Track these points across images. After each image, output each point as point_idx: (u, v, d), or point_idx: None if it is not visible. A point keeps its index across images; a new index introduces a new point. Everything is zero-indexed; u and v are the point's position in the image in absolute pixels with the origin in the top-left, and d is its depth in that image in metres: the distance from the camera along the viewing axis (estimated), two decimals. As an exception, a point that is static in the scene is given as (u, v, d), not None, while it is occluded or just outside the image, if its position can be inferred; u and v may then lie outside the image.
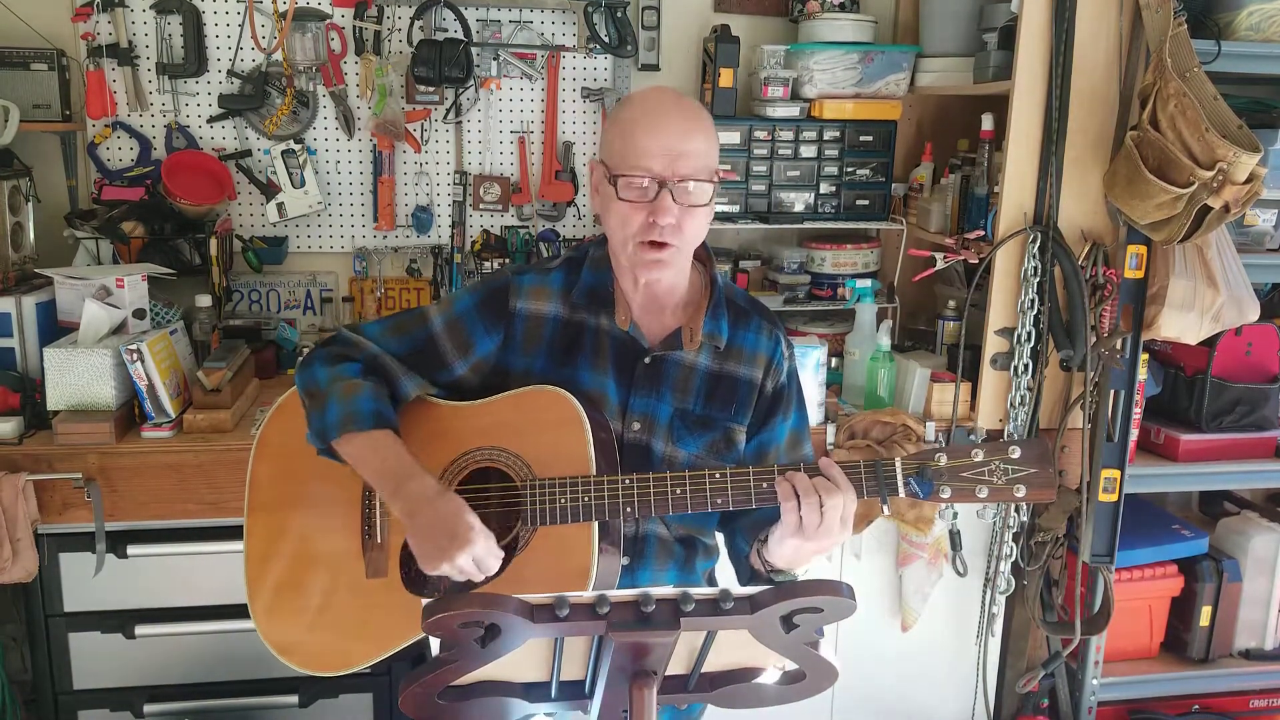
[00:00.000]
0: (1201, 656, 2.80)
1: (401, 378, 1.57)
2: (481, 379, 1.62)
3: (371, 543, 1.57)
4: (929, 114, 2.97)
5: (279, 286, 2.89)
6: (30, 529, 2.19)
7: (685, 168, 1.47)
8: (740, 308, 1.66)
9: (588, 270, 1.62)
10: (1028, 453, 1.39)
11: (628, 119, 1.51)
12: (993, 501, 1.40)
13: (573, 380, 1.57)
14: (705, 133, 1.52)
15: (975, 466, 1.40)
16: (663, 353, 1.59)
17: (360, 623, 1.55)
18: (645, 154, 1.47)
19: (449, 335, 1.60)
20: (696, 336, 1.59)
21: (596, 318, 1.60)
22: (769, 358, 1.65)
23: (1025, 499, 1.40)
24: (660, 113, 1.50)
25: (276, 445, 1.66)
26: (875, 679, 2.73)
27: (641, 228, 1.49)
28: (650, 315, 1.62)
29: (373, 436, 1.49)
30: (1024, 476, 1.39)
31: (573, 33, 2.83)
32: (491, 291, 1.61)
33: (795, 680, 1.26)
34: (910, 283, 2.94)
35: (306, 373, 1.58)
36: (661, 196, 1.47)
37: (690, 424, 1.61)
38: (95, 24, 2.62)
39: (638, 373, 1.59)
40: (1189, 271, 2.39)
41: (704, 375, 1.62)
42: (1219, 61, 2.30)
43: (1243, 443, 2.68)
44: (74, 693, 2.35)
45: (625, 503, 1.46)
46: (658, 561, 1.63)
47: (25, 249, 2.55)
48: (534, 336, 1.60)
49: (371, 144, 2.82)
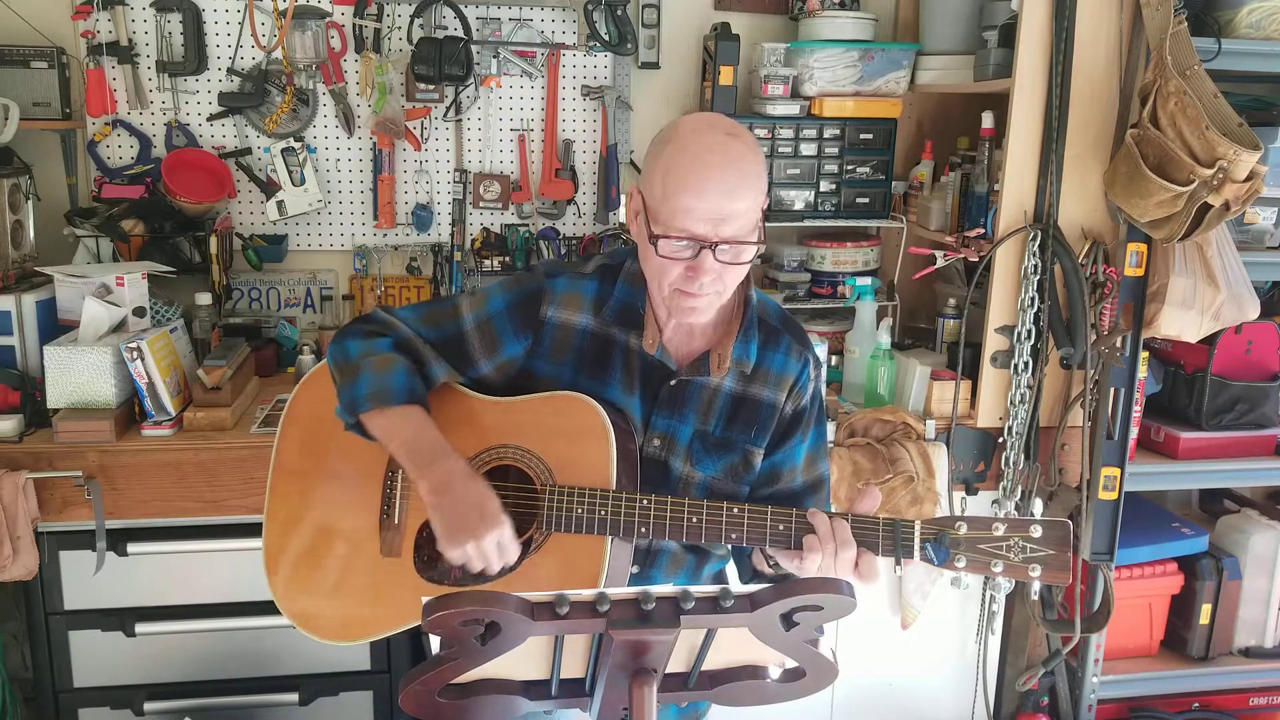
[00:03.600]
0: (1201, 654, 2.81)
1: (432, 362, 1.57)
2: (506, 380, 1.61)
3: (389, 522, 1.58)
4: (929, 112, 2.97)
5: (279, 285, 2.90)
6: (30, 527, 2.19)
7: (729, 230, 1.40)
8: (772, 327, 1.62)
9: (622, 284, 1.57)
10: (1049, 533, 1.37)
11: (675, 167, 1.41)
12: (1006, 577, 1.38)
13: (597, 394, 1.56)
14: (753, 185, 1.42)
15: (994, 540, 1.38)
16: (689, 377, 1.58)
17: (368, 599, 1.57)
18: (688, 215, 1.39)
19: (478, 335, 1.59)
20: (725, 363, 1.56)
21: (626, 335, 1.57)
22: (794, 380, 1.61)
23: (1040, 579, 1.38)
24: (708, 166, 1.39)
25: (304, 414, 1.67)
26: (875, 677, 2.73)
27: (680, 279, 1.44)
28: (679, 337, 1.59)
29: (404, 411, 1.49)
30: (1041, 558, 1.36)
31: (573, 30, 2.83)
32: (525, 295, 1.58)
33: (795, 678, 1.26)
34: (910, 280, 2.94)
35: (338, 347, 1.57)
36: (703, 256, 1.41)
37: (710, 446, 1.59)
38: (95, 22, 2.62)
39: (662, 394, 1.57)
40: (1189, 269, 2.40)
41: (727, 398, 1.59)
42: (1219, 59, 2.30)
43: (1243, 441, 2.68)
44: (74, 691, 2.35)
45: (641, 523, 1.46)
46: (669, 570, 1.63)
47: (25, 247, 2.55)
48: (563, 346, 1.58)
49: (371, 142, 2.82)
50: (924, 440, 2.52)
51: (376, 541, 1.58)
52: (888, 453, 2.49)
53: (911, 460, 2.47)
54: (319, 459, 1.64)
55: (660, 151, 1.45)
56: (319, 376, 1.66)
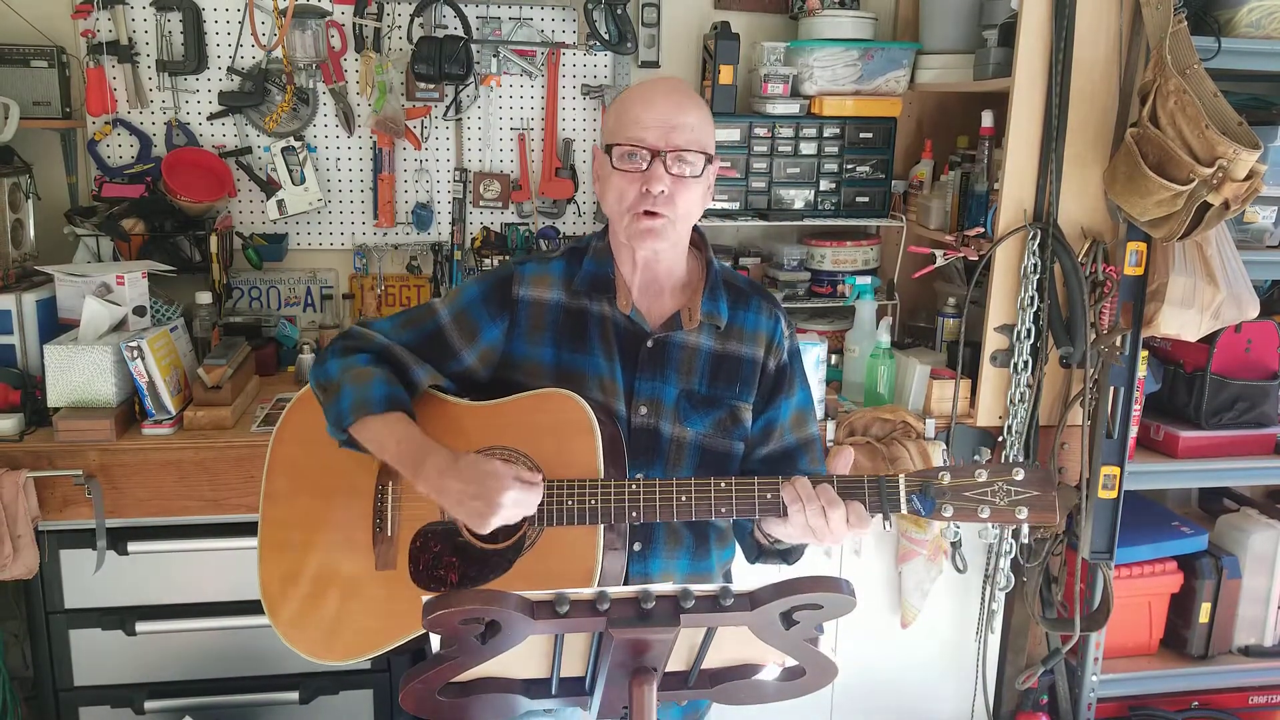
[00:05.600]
0: (1201, 653, 2.81)
1: (414, 366, 1.61)
2: (490, 371, 1.65)
3: (381, 535, 1.59)
4: (929, 111, 2.97)
5: (279, 284, 2.90)
6: (31, 526, 2.19)
7: (678, 139, 1.54)
8: (739, 289, 1.71)
9: (589, 260, 1.67)
10: (1031, 476, 1.41)
11: (625, 97, 1.62)
12: (994, 522, 1.43)
13: (579, 366, 1.61)
14: (699, 110, 1.59)
15: (978, 487, 1.42)
16: (664, 334, 1.63)
17: (368, 615, 1.57)
18: (638, 124, 1.54)
19: (456, 326, 1.64)
20: (695, 315, 1.64)
21: (599, 304, 1.64)
22: (769, 336, 1.69)
23: (1027, 521, 1.42)
24: (655, 89, 1.59)
25: (294, 435, 1.68)
26: (875, 675, 2.73)
27: (636, 198, 1.55)
28: (650, 299, 1.66)
29: (387, 419, 1.52)
30: (1026, 499, 1.41)
31: (573, 29, 2.83)
32: (495, 281, 1.66)
33: (795, 677, 1.27)
34: (910, 279, 2.94)
35: (320, 369, 1.62)
36: (654, 166, 1.54)
37: (696, 403, 1.64)
38: (95, 21, 2.62)
39: (641, 357, 1.63)
40: (1189, 268, 2.40)
41: (707, 355, 1.66)
42: (1219, 58, 2.31)
43: (1242, 439, 2.68)
44: (75, 689, 2.35)
45: (631, 507, 1.48)
46: (667, 548, 1.65)
47: (25, 246, 2.55)
48: (538, 324, 1.64)
49: (371, 141, 2.82)
50: (924, 439, 2.52)
51: (371, 557, 1.59)
52: (887, 451, 2.49)
53: (911, 459, 2.47)
54: (308, 480, 1.65)
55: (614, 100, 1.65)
56: (306, 398, 1.68)
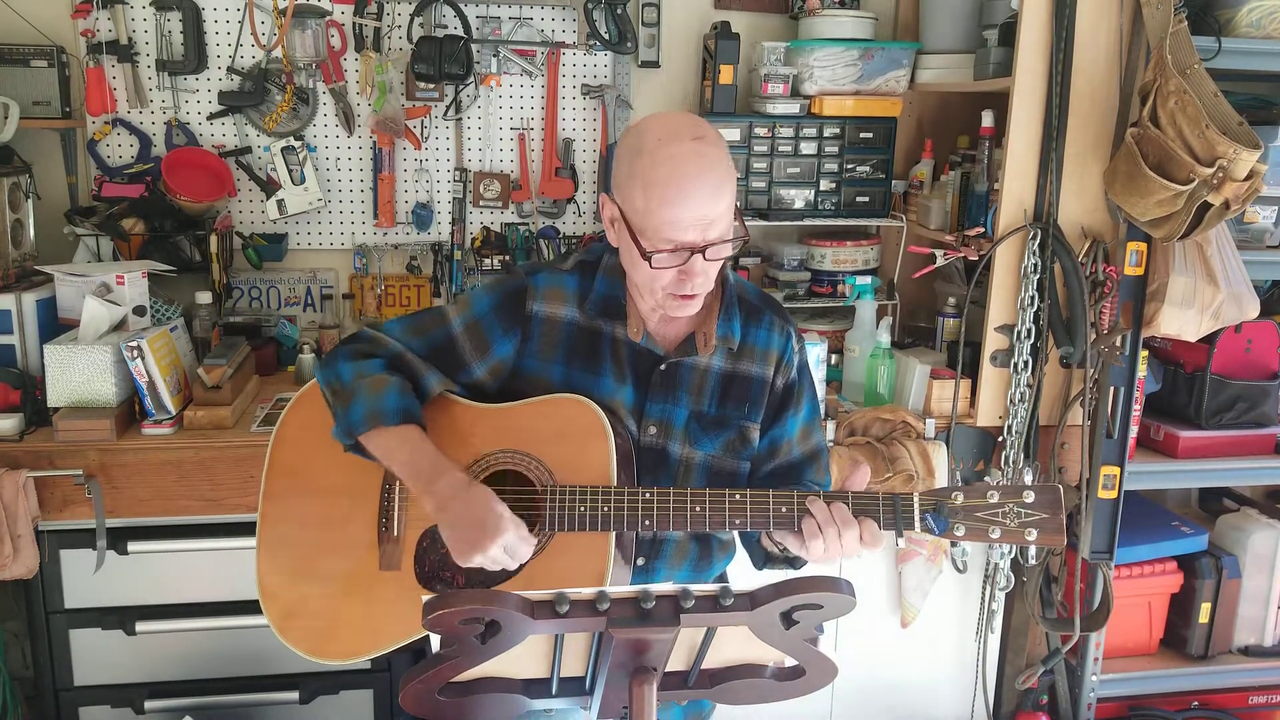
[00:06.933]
0: (1201, 653, 2.81)
1: (426, 374, 1.58)
2: (499, 383, 1.62)
3: (387, 535, 1.58)
4: (929, 111, 2.97)
5: (279, 283, 2.89)
6: (31, 526, 2.19)
7: (715, 232, 1.45)
8: (752, 304, 1.66)
9: (601, 279, 1.61)
10: (1041, 498, 1.43)
11: (653, 182, 1.42)
12: (1004, 543, 1.45)
13: (590, 386, 1.58)
14: (728, 182, 1.46)
15: (990, 508, 1.43)
16: (678, 359, 1.60)
17: (372, 616, 1.56)
18: (675, 227, 1.43)
19: (468, 337, 1.60)
20: (710, 341, 1.60)
21: (611, 326, 1.60)
22: (780, 354, 1.65)
23: (1035, 543, 1.44)
24: (685, 179, 1.42)
25: (294, 435, 1.66)
26: (875, 675, 2.73)
27: (673, 283, 1.49)
28: (663, 323, 1.62)
29: (400, 432, 1.49)
30: (1036, 521, 1.43)
31: (573, 29, 2.83)
32: (508, 293, 1.61)
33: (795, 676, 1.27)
34: (910, 279, 2.94)
35: (330, 369, 1.58)
36: (693, 261, 1.46)
37: (706, 425, 1.62)
38: (95, 21, 2.61)
39: (654, 380, 1.60)
40: (1189, 268, 2.40)
41: (718, 376, 1.63)
42: (1219, 58, 2.30)
43: (1242, 440, 2.68)
44: (75, 689, 2.35)
45: (645, 515, 1.47)
46: (673, 560, 1.64)
47: (25, 246, 2.55)
48: (552, 341, 1.60)
49: (371, 141, 2.82)
50: (924, 439, 2.52)
51: (376, 557, 1.57)
52: (887, 451, 2.49)
53: (911, 459, 2.47)
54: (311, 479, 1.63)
55: (633, 162, 1.46)
56: (307, 398, 1.66)
